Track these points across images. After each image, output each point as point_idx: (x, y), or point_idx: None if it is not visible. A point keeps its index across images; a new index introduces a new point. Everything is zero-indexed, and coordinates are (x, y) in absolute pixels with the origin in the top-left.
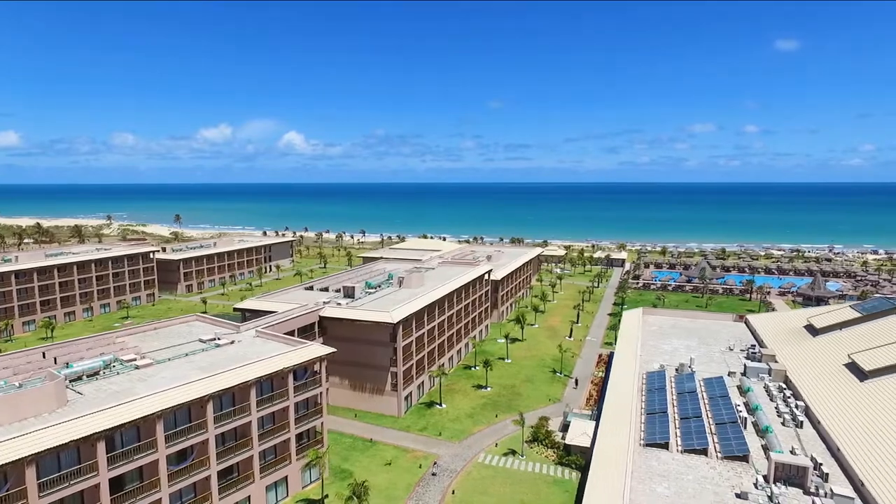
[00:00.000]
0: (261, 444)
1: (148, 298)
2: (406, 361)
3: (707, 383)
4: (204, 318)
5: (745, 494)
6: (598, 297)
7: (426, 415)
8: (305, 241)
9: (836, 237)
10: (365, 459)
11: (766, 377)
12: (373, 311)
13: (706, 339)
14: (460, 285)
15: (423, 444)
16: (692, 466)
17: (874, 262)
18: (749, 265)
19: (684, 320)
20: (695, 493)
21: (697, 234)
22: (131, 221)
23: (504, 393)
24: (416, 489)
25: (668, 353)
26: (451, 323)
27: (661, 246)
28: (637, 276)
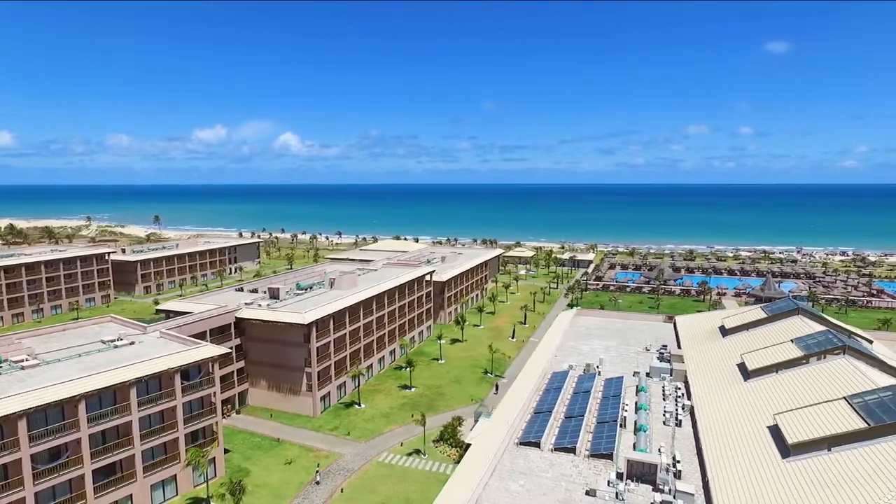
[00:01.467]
0: (144, 443)
1: (103, 300)
2: (322, 362)
3: (607, 383)
4: (117, 320)
5: (593, 491)
6: (555, 298)
7: (342, 415)
8: (280, 243)
9: (815, 239)
10: (267, 458)
11: (668, 377)
12: (286, 312)
13: (628, 339)
14: (393, 286)
15: (329, 443)
16: (556, 464)
17: (840, 264)
18: (713, 266)
19: (616, 321)
20: (547, 490)
21: (683, 236)
22: (111, 222)
23: (427, 393)
24: (307, 488)
25: (585, 354)
26: (381, 324)
27: (632, 247)
28: (599, 277)
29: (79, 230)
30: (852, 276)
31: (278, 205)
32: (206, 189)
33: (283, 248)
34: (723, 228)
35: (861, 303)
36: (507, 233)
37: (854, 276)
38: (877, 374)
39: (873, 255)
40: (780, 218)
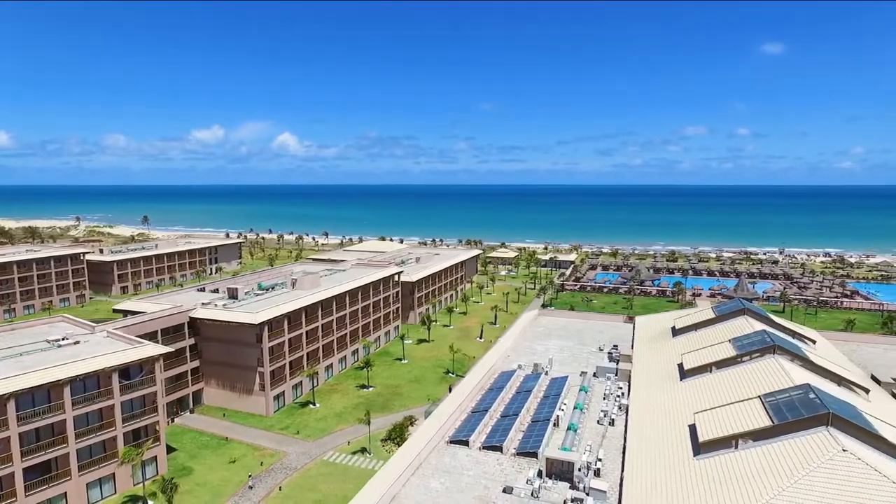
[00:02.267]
0: (80, 441)
1: (77, 300)
2: (275, 362)
3: (552, 383)
4: (68, 319)
5: (510, 489)
6: (530, 298)
7: (295, 414)
8: (267, 243)
9: (803, 240)
10: (212, 457)
11: (613, 377)
12: (238, 312)
13: (585, 340)
14: (355, 287)
15: (276, 442)
16: (481, 462)
17: (820, 265)
18: (693, 267)
19: (577, 322)
20: (465, 487)
21: (673, 237)
22: (100, 223)
23: (384, 393)
24: (245, 486)
25: (538, 354)
26: (342, 324)
27: (616, 248)
28: (577, 278)
29: (67, 230)
30: (828, 277)
31: (275, 205)
32: (204, 189)
33: (269, 248)
34: (713, 229)
35: (833, 303)
36: (499, 233)
37: (830, 277)
38: (801, 373)
39: (855, 257)
40: (771, 219)
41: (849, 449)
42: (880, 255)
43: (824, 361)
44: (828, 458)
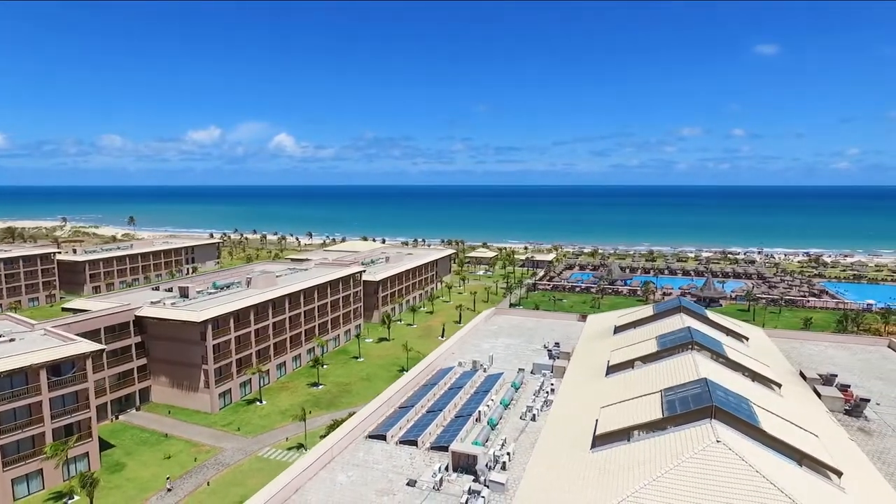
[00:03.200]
0: (5, 437)
1: (47, 300)
2: (221, 359)
3: (487, 379)
4: (9, 318)
5: (413, 482)
6: (501, 298)
7: (241, 411)
8: (251, 243)
9: (788, 240)
10: (148, 454)
11: (548, 374)
12: (182, 310)
13: (534, 338)
14: (311, 286)
15: (215, 438)
16: (394, 457)
17: (797, 265)
18: (668, 267)
19: (531, 320)
20: (371, 481)
21: (660, 237)
22: (85, 223)
23: (333, 390)
24: (176, 482)
25: (483, 351)
26: (296, 322)
27: (597, 248)
28: (551, 278)
29: (53, 231)
30: (800, 276)
31: (270, 206)
32: (200, 190)
33: (251, 249)
34: (700, 230)
35: (799, 302)
36: (491, 233)
37: (800, 276)
38: (712, 367)
39: (833, 257)
40: (760, 220)
41: (723, 440)
42: (859, 255)
43: (743, 357)
44: (701, 449)
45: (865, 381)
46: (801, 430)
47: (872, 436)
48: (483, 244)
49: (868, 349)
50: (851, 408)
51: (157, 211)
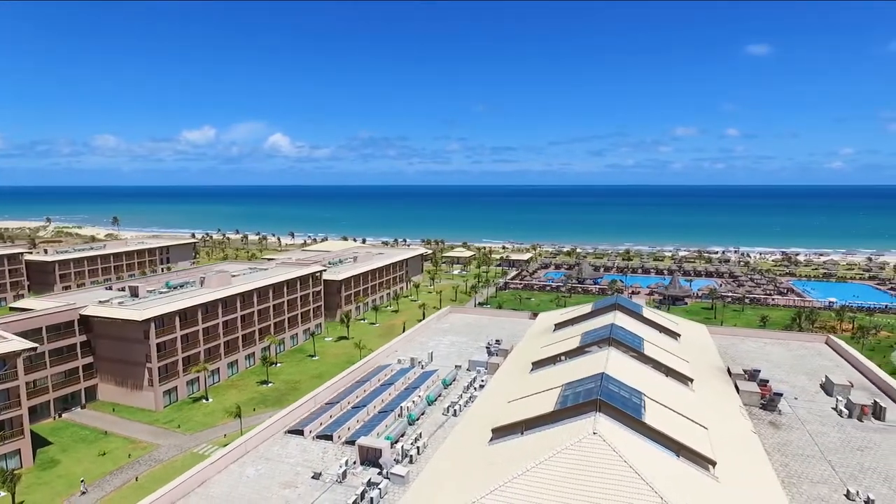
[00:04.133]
0: None
1: (15, 299)
2: (166, 358)
3: (421, 375)
4: None
5: (318, 475)
6: (471, 296)
7: (185, 409)
8: (233, 243)
9: (769, 239)
10: (84, 451)
11: (483, 370)
12: (125, 309)
13: (481, 336)
14: (265, 285)
15: (154, 435)
16: (308, 451)
17: (771, 264)
18: (642, 266)
19: (484, 318)
20: (278, 474)
21: (645, 236)
22: (69, 223)
23: (282, 388)
24: (107, 477)
25: (427, 349)
26: (249, 321)
27: (577, 247)
28: (523, 277)
29: (37, 231)
30: (768, 275)
31: (264, 206)
32: (196, 190)
33: (230, 249)
34: (685, 229)
35: (763, 301)
36: (479, 233)
37: (769, 275)
38: (625, 363)
39: (807, 255)
40: (747, 219)
41: (599, 432)
42: (841, 254)
43: (662, 354)
44: (577, 441)
45: (791, 377)
46: (691, 422)
47: (780, 429)
48: (463, 244)
49: (806, 346)
50: (766, 402)
51: (147, 211)
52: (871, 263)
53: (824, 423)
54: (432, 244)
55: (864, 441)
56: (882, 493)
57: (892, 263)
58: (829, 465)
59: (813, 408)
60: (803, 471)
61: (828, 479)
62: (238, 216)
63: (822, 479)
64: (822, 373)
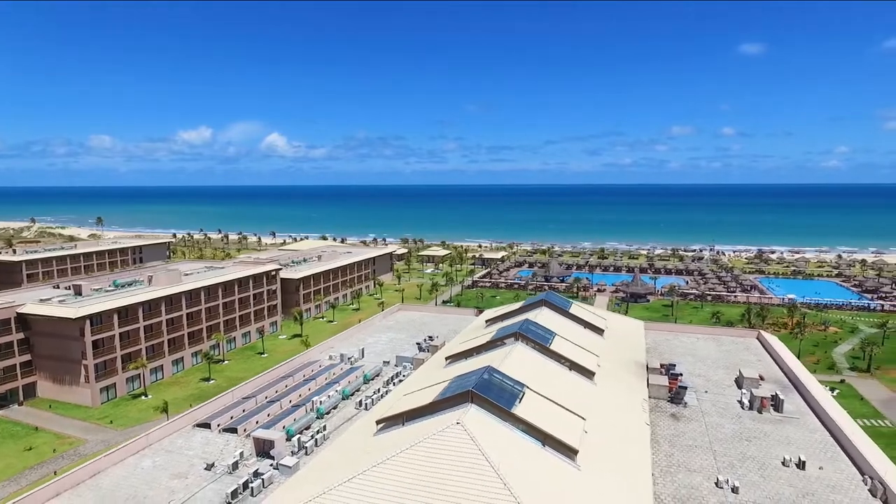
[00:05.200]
0: None
1: None
2: (105, 355)
3: (347, 371)
4: None
5: (211, 466)
6: (440, 293)
7: (122, 405)
8: (214, 243)
9: (750, 237)
10: (12, 446)
11: (409, 366)
12: (60, 307)
13: (421, 332)
14: (213, 283)
15: (85, 431)
16: (212, 444)
17: (744, 261)
18: (614, 264)
19: (430, 316)
20: (174, 465)
21: (630, 235)
22: (53, 224)
23: (224, 385)
24: (26, 472)
25: (367, 345)
26: (196, 319)
27: (552, 246)
28: (491, 275)
29: (20, 231)
30: (737, 272)
31: (258, 207)
32: (192, 191)
33: (214, 248)
34: (669, 227)
35: (725, 298)
36: (467, 232)
37: (735, 272)
38: (527, 356)
39: (783, 253)
40: (732, 217)
41: (462, 422)
42: (822, 252)
43: (571, 348)
44: (440, 431)
45: (711, 371)
46: (569, 413)
47: (679, 420)
48: (442, 243)
49: (737, 341)
50: (673, 395)
51: (139, 211)
52: (840, 261)
53: (724, 415)
54: (410, 243)
55: (755, 432)
56: (753, 480)
57: (875, 261)
58: (712, 455)
59: (719, 401)
60: (685, 460)
61: (706, 468)
62: (229, 216)
63: (700, 469)
64: (742, 367)
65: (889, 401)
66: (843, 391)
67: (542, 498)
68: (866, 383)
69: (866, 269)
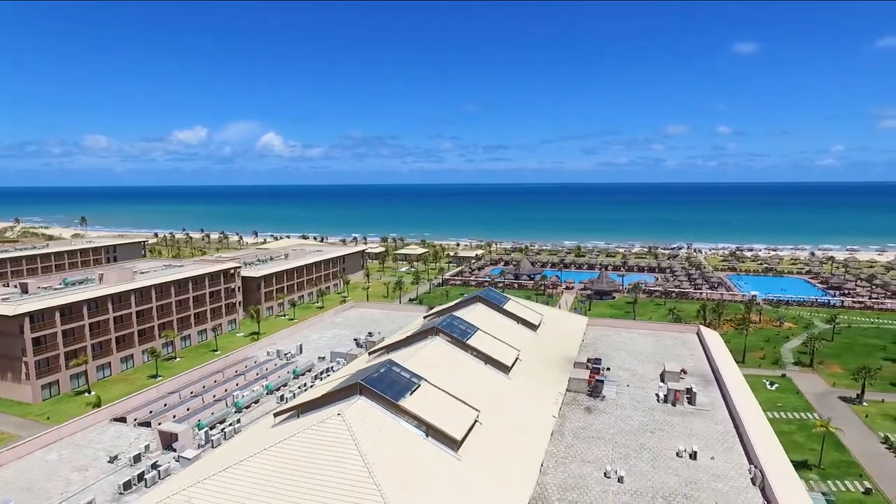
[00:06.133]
0: None
1: None
2: (46, 352)
3: (280, 366)
4: None
5: (114, 458)
6: (406, 292)
7: (64, 402)
8: (195, 242)
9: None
10: None
11: (343, 361)
12: None
13: (364, 330)
14: (164, 282)
15: (19, 427)
16: (123, 437)
17: (719, 258)
18: (587, 262)
19: (381, 313)
20: (78, 458)
21: (610, 233)
22: (35, 224)
23: None
24: None
25: (310, 341)
26: (147, 316)
27: (529, 243)
28: (462, 273)
29: (3, 231)
30: (706, 270)
31: (249, 206)
32: (187, 190)
33: (193, 247)
34: (651, 225)
35: (690, 294)
36: (451, 230)
37: (705, 270)
38: (441, 350)
39: (760, 251)
40: (719, 216)
41: (343, 414)
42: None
43: (490, 343)
44: (321, 421)
45: (641, 365)
46: (464, 405)
47: (591, 413)
48: (422, 241)
49: (676, 336)
50: (591, 389)
51: (130, 211)
52: (812, 258)
53: (637, 407)
54: (389, 241)
55: (662, 424)
56: (643, 470)
57: (847, 258)
58: (610, 447)
59: (638, 394)
60: (583, 451)
61: (600, 458)
62: (222, 216)
63: (594, 460)
64: (674, 361)
65: (824, 394)
66: (783, 385)
67: (408, 486)
68: (807, 378)
69: (834, 266)
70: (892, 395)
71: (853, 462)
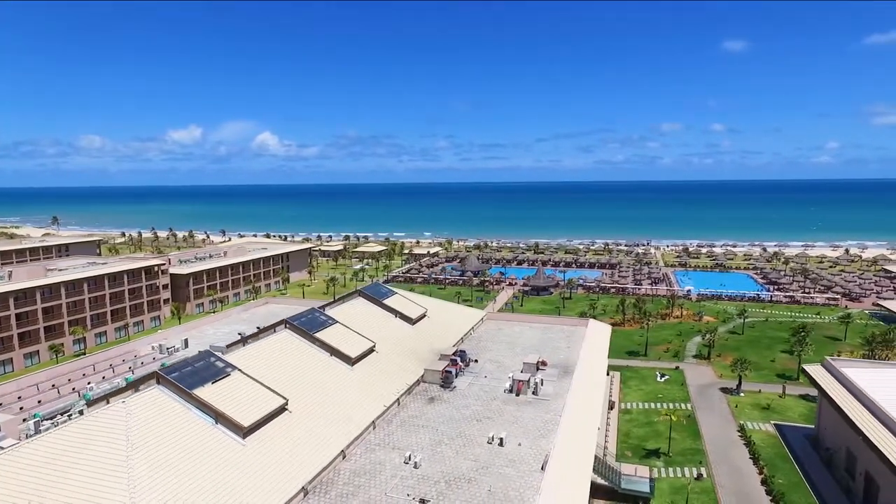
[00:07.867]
0: None
1: None
2: None
3: (161, 360)
4: None
5: None
6: (348, 289)
7: None
8: (161, 242)
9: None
10: None
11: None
12: None
13: (262, 323)
14: (74, 278)
15: None
16: None
17: (673, 255)
18: (539, 259)
19: (293, 309)
20: None
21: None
22: (8, 224)
23: None
24: None
25: (203, 336)
26: (55, 313)
27: (485, 240)
28: (410, 269)
29: None
30: (653, 266)
31: (239, 206)
32: (181, 190)
33: (157, 246)
34: (625, 222)
35: (628, 290)
36: (438, 228)
37: (650, 266)
38: (287, 343)
39: (720, 247)
40: (706, 214)
41: (129, 402)
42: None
43: (341, 337)
44: (102, 409)
45: (513, 357)
46: (272, 393)
47: (434, 402)
48: (386, 239)
49: (566, 329)
50: (443, 380)
51: (121, 211)
52: (763, 254)
53: (481, 397)
54: (351, 239)
55: (494, 412)
56: (445, 455)
57: (797, 255)
58: (429, 434)
59: (488, 385)
60: (398, 440)
61: (410, 446)
62: (210, 216)
63: (404, 447)
64: (550, 353)
65: (707, 386)
66: (674, 377)
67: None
68: (700, 370)
69: (779, 261)
70: (771, 386)
71: (700, 450)
